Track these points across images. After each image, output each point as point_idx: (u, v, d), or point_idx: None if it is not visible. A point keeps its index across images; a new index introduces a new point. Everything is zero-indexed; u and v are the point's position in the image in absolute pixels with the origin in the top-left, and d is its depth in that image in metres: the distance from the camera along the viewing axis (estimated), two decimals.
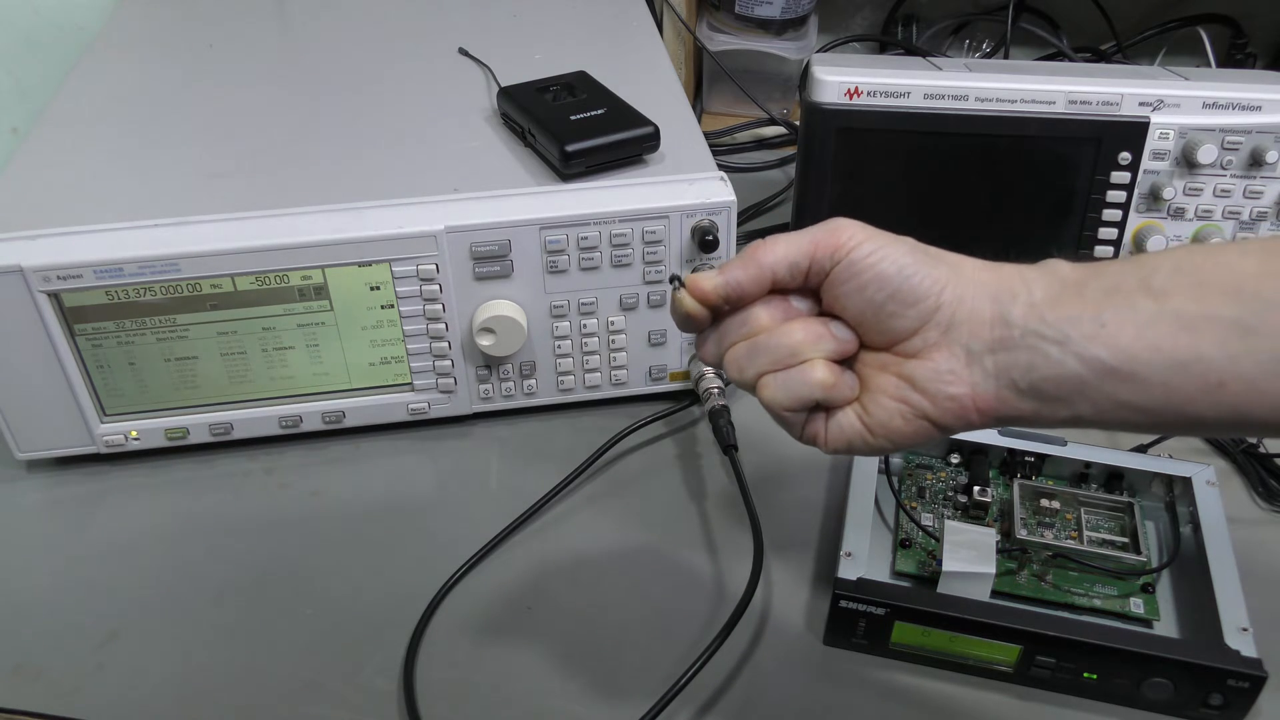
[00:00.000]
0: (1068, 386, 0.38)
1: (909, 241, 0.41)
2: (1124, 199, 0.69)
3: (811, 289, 0.42)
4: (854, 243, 0.40)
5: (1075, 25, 0.98)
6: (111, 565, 0.61)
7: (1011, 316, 0.39)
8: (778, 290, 0.42)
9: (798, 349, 0.41)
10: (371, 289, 0.62)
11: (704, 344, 0.44)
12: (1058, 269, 0.40)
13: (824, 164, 0.68)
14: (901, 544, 0.59)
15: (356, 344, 0.64)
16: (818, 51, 1.02)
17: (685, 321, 0.44)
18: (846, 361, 0.42)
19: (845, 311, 0.41)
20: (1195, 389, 0.36)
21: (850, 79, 0.66)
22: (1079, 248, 0.70)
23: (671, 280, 0.44)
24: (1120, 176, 0.68)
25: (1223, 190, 0.68)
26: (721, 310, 0.43)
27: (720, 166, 0.65)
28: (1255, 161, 0.66)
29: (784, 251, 0.41)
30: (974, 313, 0.39)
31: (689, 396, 0.70)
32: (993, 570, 0.52)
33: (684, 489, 0.65)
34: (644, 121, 0.65)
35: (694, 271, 0.45)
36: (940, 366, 0.39)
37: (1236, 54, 0.97)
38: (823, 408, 0.42)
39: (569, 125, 0.64)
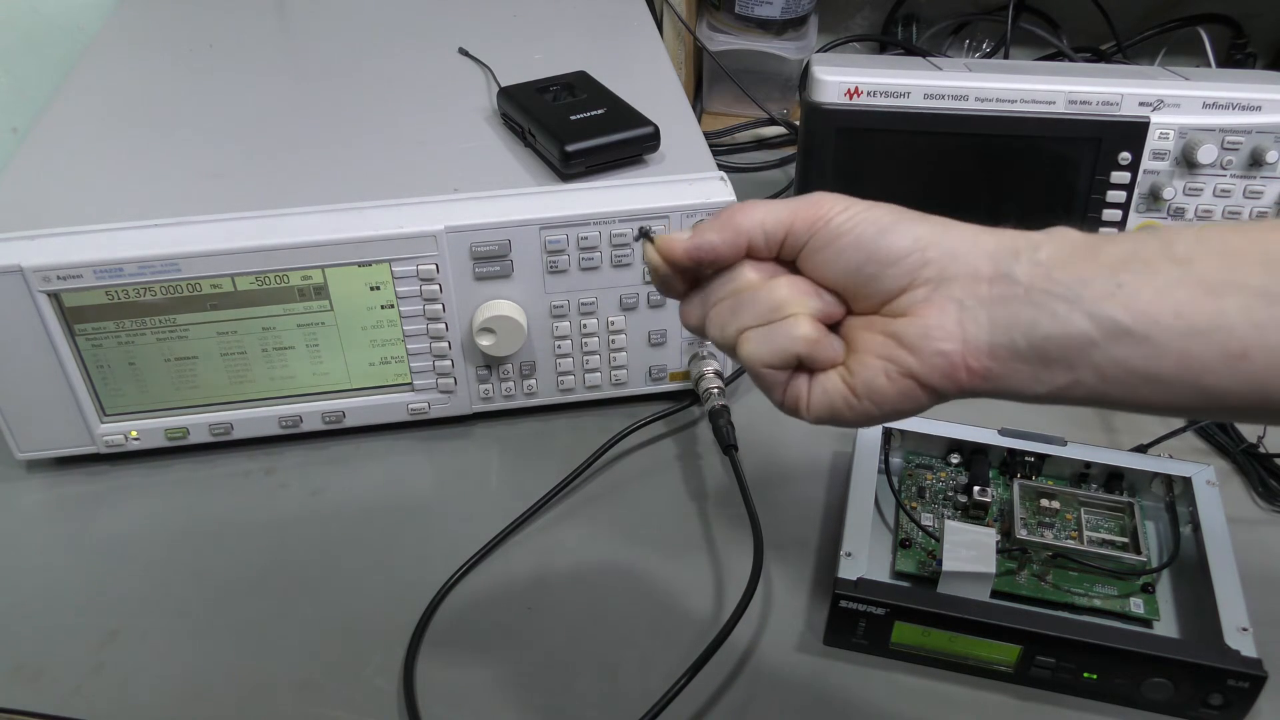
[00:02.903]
0: (1073, 347, 0.36)
1: (893, 206, 0.40)
2: (1124, 199, 0.69)
3: (787, 260, 0.41)
4: (832, 212, 0.39)
5: (1075, 25, 0.98)
6: (111, 565, 0.61)
7: (1014, 274, 0.37)
8: (753, 257, 0.41)
9: (782, 303, 0.40)
10: (371, 289, 0.62)
11: (688, 306, 0.43)
12: (1067, 234, 0.38)
13: (824, 164, 0.68)
14: (901, 544, 0.59)
15: (356, 344, 0.64)
16: (818, 51, 1.02)
17: (656, 277, 0.43)
18: (834, 327, 0.41)
19: (826, 280, 0.40)
20: (1214, 357, 0.35)
21: (850, 79, 0.66)
22: None
23: (641, 234, 0.43)
24: (1120, 176, 0.68)
25: (1223, 190, 0.68)
26: (693, 271, 0.42)
27: (720, 166, 0.65)
28: (1255, 161, 0.66)
29: (761, 217, 0.40)
30: (970, 269, 0.38)
31: (689, 396, 0.70)
32: (993, 570, 0.52)
33: (684, 489, 0.65)
34: (644, 121, 0.65)
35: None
36: (929, 322, 0.38)
37: (1236, 54, 0.97)
38: (806, 369, 0.41)
39: (569, 125, 0.64)
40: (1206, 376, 0.35)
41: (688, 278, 0.43)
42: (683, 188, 0.63)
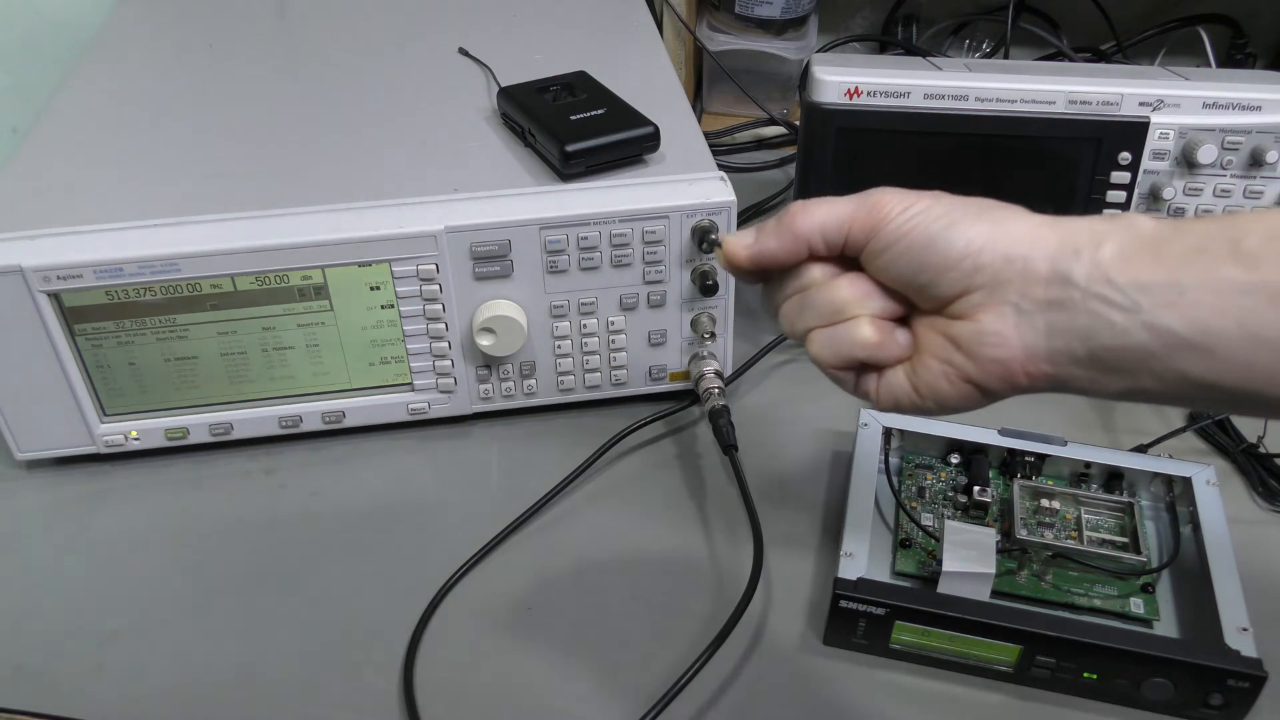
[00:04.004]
0: (1132, 358, 0.35)
1: (952, 203, 0.39)
2: (1124, 199, 0.69)
3: (851, 257, 0.41)
4: (889, 215, 0.39)
5: (1075, 25, 0.98)
6: (111, 565, 0.61)
7: (1072, 275, 0.36)
8: (815, 258, 0.41)
9: (844, 305, 0.40)
10: (371, 289, 0.62)
11: (766, 295, 0.44)
12: (1135, 223, 0.36)
13: (824, 164, 0.68)
14: (901, 544, 0.59)
15: (356, 344, 0.64)
16: (818, 51, 1.02)
17: (734, 274, 0.44)
18: (904, 318, 0.41)
19: (886, 280, 0.40)
20: None
21: (850, 79, 0.66)
22: None
23: (709, 245, 0.44)
24: (1120, 176, 0.68)
25: (1223, 190, 0.68)
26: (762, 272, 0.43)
27: (720, 166, 0.65)
28: (1255, 161, 0.66)
29: (820, 222, 0.40)
30: (1024, 272, 0.37)
31: (689, 396, 0.70)
32: (993, 570, 0.52)
33: (684, 489, 0.65)
34: (644, 121, 0.65)
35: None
36: (985, 328, 0.37)
37: (1236, 54, 0.97)
38: (872, 365, 0.41)
39: (569, 125, 0.64)
40: (1271, 387, 0.34)
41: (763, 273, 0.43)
42: (683, 188, 0.63)
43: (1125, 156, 0.67)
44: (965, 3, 1.03)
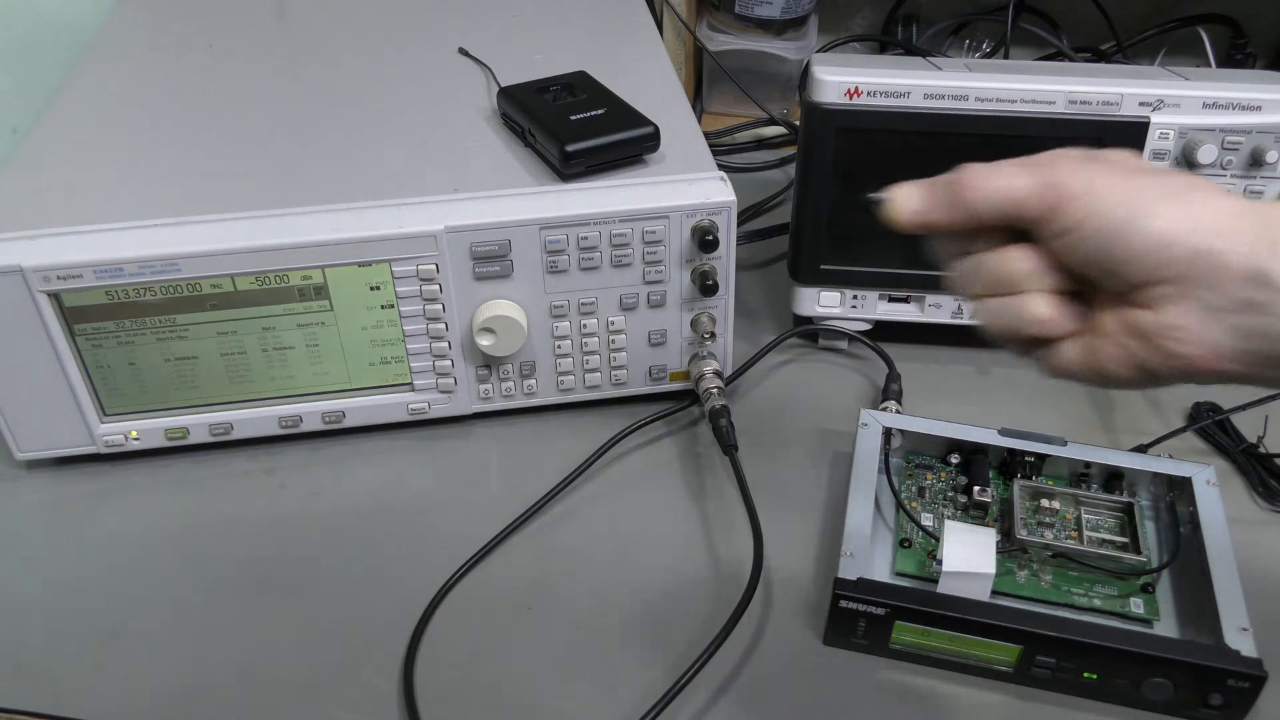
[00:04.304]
0: None
1: (1134, 182, 0.36)
2: None
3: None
4: (1068, 196, 0.36)
5: (1075, 25, 0.98)
6: (111, 565, 0.61)
7: (1272, 275, 0.33)
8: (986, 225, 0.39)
9: (1017, 278, 0.38)
10: (371, 289, 0.62)
11: (933, 246, 0.42)
12: None
13: (824, 164, 0.68)
14: (901, 544, 0.59)
15: (356, 344, 0.64)
16: (818, 51, 1.02)
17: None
18: (1078, 291, 0.39)
19: (1064, 261, 0.38)
20: None
21: (850, 79, 0.66)
22: None
23: (872, 198, 0.41)
24: None
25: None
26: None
27: (720, 166, 0.65)
28: (1255, 161, 0.66)
29: (995, 201, 0.38)
30: (1218, 268, 0.34)
31: (689, 396, 0.70)
32: (993, 570, 0.52)
33: (684, 489, 0.65)
34: (644, 121, 0.65)
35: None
36: (1171, 322, 0.35)
37: (1236, 54, 0.97)
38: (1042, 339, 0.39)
39: (569, 125, 0.64)
40: None
41: None
42: (683, 188, 0.63)
43: None
44: (965, 3, 1.03)
